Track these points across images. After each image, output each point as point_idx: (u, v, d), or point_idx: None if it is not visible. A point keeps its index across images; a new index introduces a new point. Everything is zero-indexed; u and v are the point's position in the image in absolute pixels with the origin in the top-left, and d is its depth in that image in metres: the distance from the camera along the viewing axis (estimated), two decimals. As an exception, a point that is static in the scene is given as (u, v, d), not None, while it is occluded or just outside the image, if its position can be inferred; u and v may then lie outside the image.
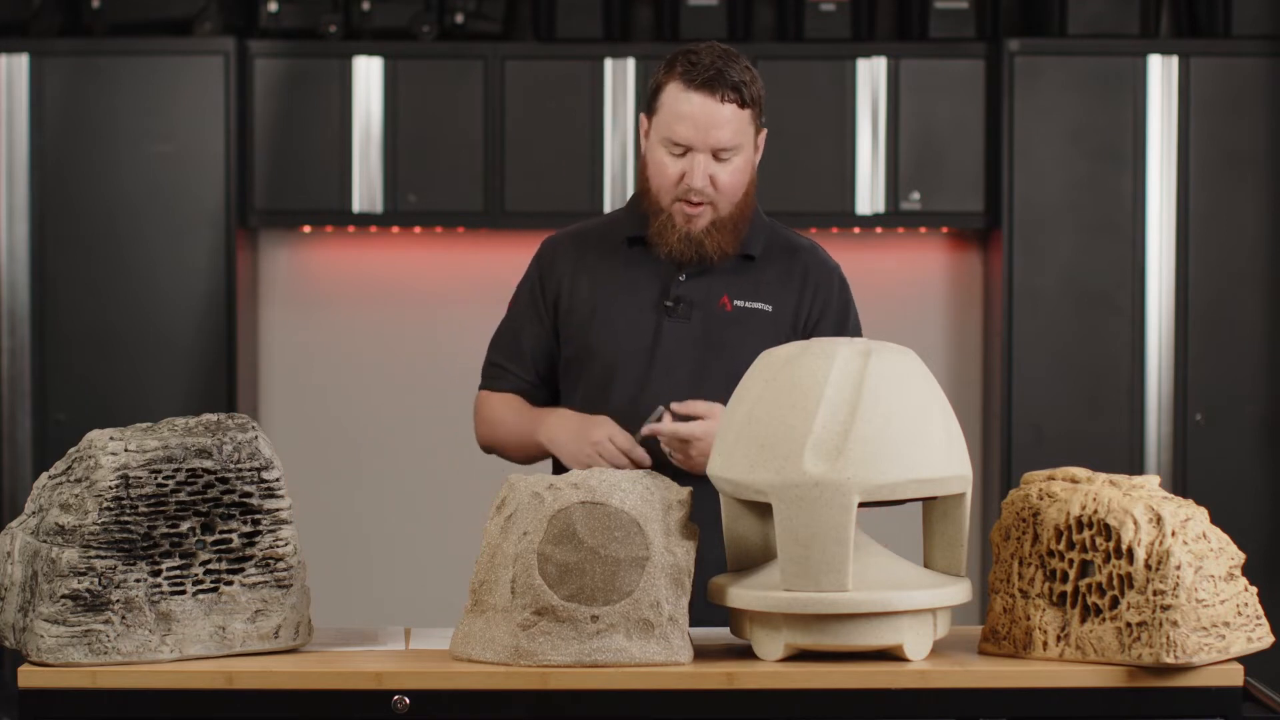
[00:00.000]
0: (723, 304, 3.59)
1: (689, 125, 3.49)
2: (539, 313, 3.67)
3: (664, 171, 3.53)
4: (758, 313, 3.59)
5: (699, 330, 3.58)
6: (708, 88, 3.49)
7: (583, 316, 3.62)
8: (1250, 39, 6.54)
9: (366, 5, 6.66)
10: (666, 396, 3.53)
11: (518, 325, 3.70)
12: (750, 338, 3.56)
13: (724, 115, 3.49)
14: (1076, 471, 3.07)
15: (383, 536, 6.90)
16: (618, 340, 3.59)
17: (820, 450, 2.92)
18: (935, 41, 6.62)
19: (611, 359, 3.59)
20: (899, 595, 2.95)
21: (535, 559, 2.96)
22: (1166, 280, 6.52)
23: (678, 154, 3.52)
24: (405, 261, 6.87)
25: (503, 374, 3.71)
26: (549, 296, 3.66)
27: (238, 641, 3.02)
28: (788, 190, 6.58)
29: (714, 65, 3.50)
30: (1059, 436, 6.50)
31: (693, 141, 3.50)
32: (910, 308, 6.89)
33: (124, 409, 6.32)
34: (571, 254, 3.67)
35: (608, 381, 3.59)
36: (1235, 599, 2.96)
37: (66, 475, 3.00)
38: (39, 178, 6.49)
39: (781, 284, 3.63)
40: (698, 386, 3.55)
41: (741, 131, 3.53)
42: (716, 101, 3.48)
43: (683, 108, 3.49)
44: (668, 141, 3.51)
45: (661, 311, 3.59)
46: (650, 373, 3.57)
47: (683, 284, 3.59)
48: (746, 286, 3.61)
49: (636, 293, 3.61)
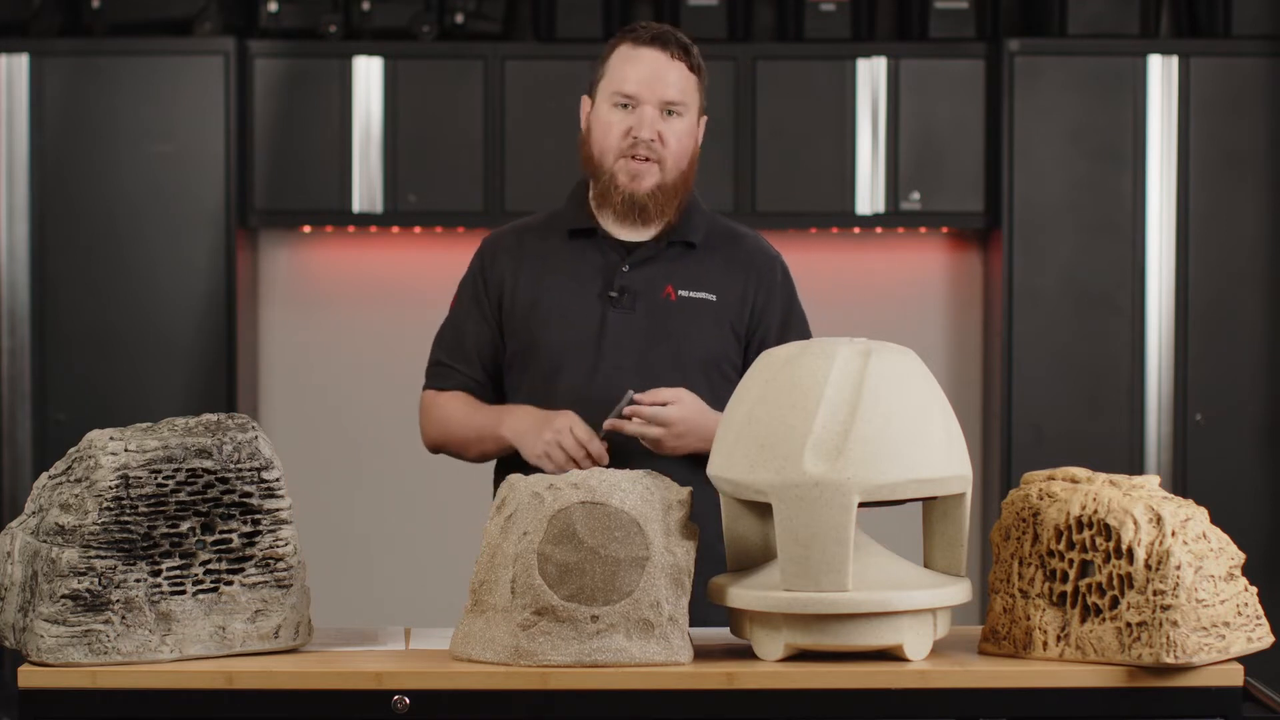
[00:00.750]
0: (667, 294, 3.59)
1: (638, 76, 3.54)
2: (483, 310, 3.66)
3: (610, 130, 3.55)
4: (702, 302, 3.59)
5: (644, 320, 3.58)
6: (658, 43, 3.55)
7: (526, 310, 3.62)
8: (1250, 39, 6.54)
9: (366, 5, 6.66)
10: (613, 388, 3.53)
11: (461, 323, 3.69)
12: (694, 327, 3.57)
13: (674, 71, 3.55)
14: (1076, 471, 3.06)
15: (383, 536, 6.90)
16: (563, 332, 3.58)
17: (820, 450, 2.92)
18: (935, 41, 6.63)
19: (557, 351, 3.58)
20: (899, 595, 2.95)
21: (535, 559, 2.96)
22: (1166, 280, 6.52)
23: (626, 109, 3.53)
24: (405, 261, 6.87)
25: (449, 372, 3.70)
26: (492, 293, 3.65)
27: (238, 641, 3.02)
28: (788, 190, 6.58)
29: (662, 29, 3.57)
30: (1059, 436, 6.50)
31: (640, 94, 3.53)
32: (910, 308, 6.89)
33: (124, 409, 6.32)
34: (513, 249, 3.67)
35: (554, 374, 3.58)
36: (1235, 599, 2.96)
37: (66, 475, 3.00)
38: (39, 178, 6.49)
39: (725, 273, 3.63)
40: (644, 377, 3.54)
41: (688, 93, 3.57)
42: (667, 57, 3.54)
43: (632, 62, 3.55)
44: (616, 95, 3.54)
45: (606, 302, 3.58)
46: (597, 364, 3.56)
47: (626, 274, 3.59)
48: (690, 276, 3.61)
49: (580, 284, 3.60)
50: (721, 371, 3.58)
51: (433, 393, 3.72)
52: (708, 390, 3.55)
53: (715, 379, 3.58)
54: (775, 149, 6.60)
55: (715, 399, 3.53)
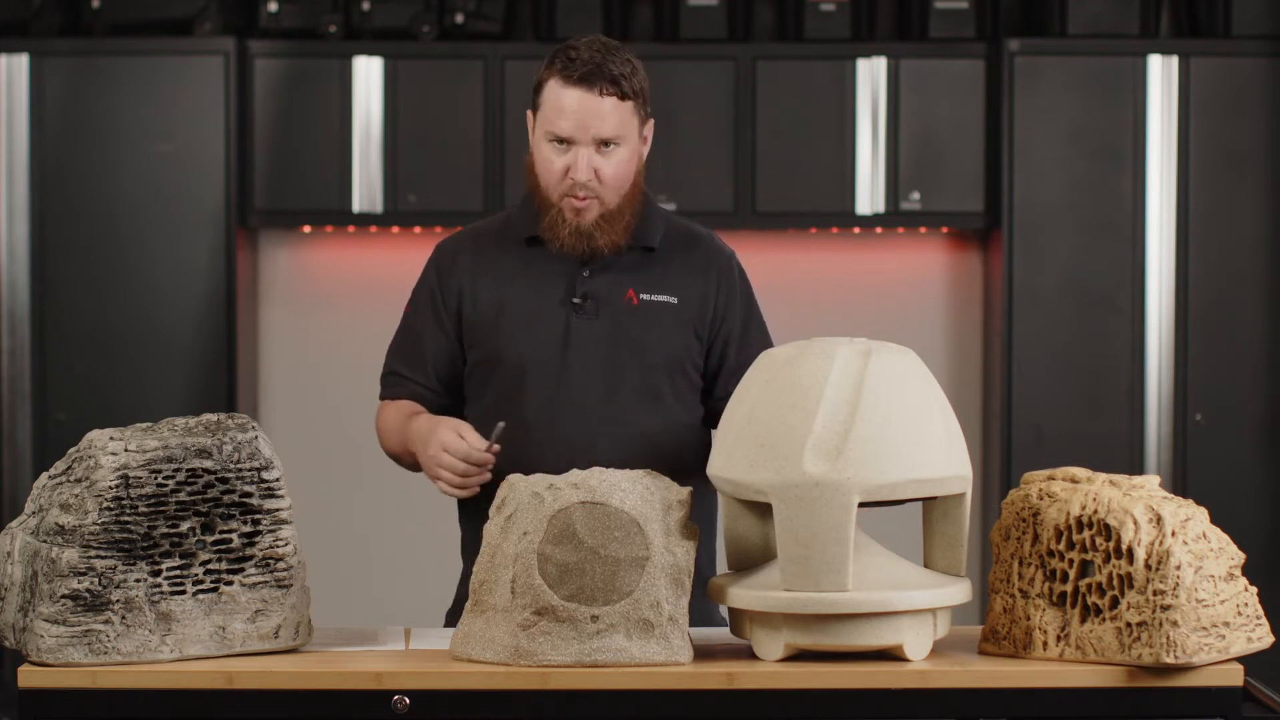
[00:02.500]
0: (629, 298, 3.57)
1: (569, 119, 3.47)
2: (439, 319, 3.62)
3: (549, 167, 3.51)
4: (664, 305, 3.57)
5: (607, 326, 3.55)
6: (585, 83, 3.47)
7: (488, 319, 3.57)
8: (1250, 39, 6.54)
9: (366, 5, 6.66)
10: (581, 395, 3.51)
11: (417, 332, 3.65)
12: (658, 331, 3.55)
13: (604, 108, 3.48)
14: (1076, 471, 3.06)
15: (383, 536, 6.90)
16: (528, 340, 3.54)
17: (820, 450, 2.92)
18: (935, 41, 6.63)
19: (522, 361, 3.54)
20: (899, 595, 2.95)
21: (535, 559, 2.96)
22: (1166, 280, 6.52)
23: (561, 149, 3.51)
24: (405, 261, 6.85)
25: (401, 382, 3.66)
26: (450, 302, 3.61)
27: (238, 641, 3.02)
28: (788, 190, 6.58)
29: (592, 60, 3.48)
30: (1059, 436, 6.50)
31: (574, 135, 3.48)
32: (910, 308, 6.89)
33: (124, 409, 6.32)
34: (470, 257, 3.62)
35: (519, 384, 3.54)
36: (1235, 599, 2.96)
37: (66, 475, 3.00)
38: (39, 178, 6.49)
39: (685, 275, 3.60)
40: (613, 383, 3.53)
41: (624, 123, 3.50)
42: (596, 95, 3.47)
43: (563, 102, 3.48)
44: (550, 135, 3.50)
45: (569, 309, 3.55)
46: (564, 373, 3.53)
47: (587, 280, 3.56)
48: (650, 279, 3.58)
49: (541, 292, 3.56)
50: (684, 372, 3.57)
51: (384, 403, 3.69)
52: (671, 392, 3.54)
53: (679, 380, 3.56)
54: (775, 149, 6.60)
55: (679, 400, 3.54)
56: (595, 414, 3.51)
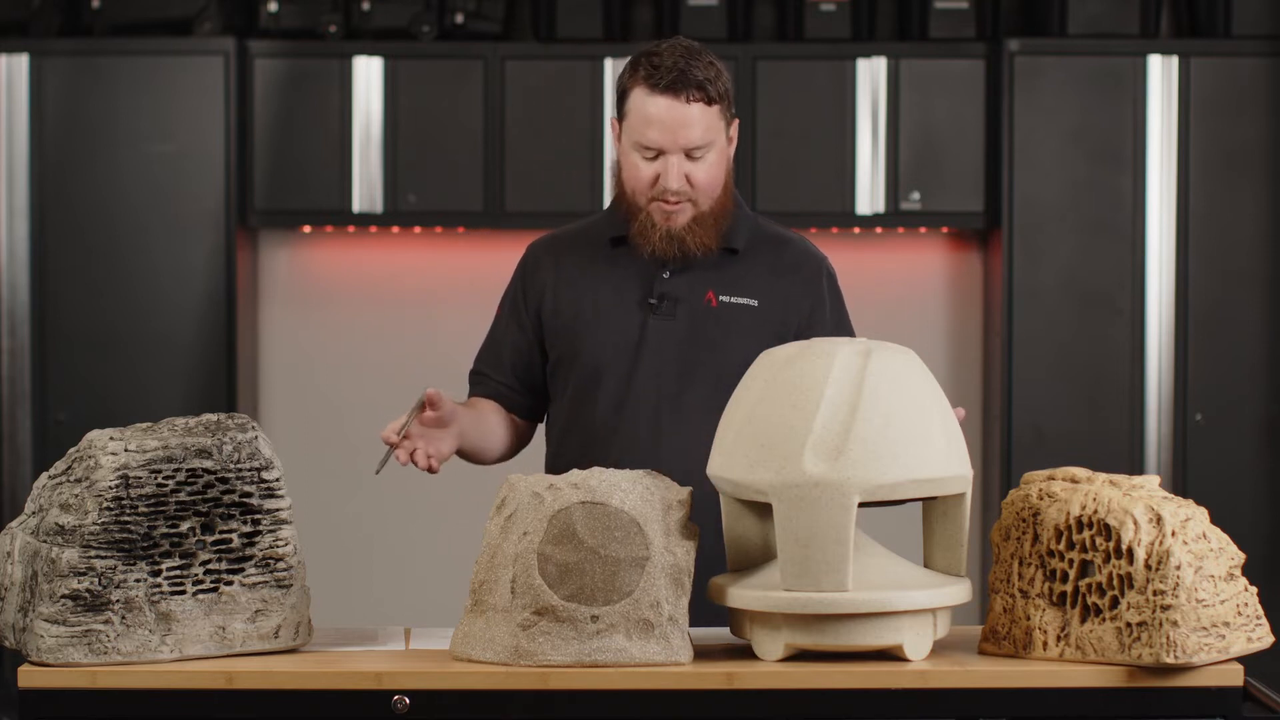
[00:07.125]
0: (708, 300, 3.57)
1: (658, 129, 3.48)
2: (520, 320, 3.66)
3: (639, 175, 3.52)
4: (744, 308, 3.58)
5: (684, 327, 3.57)
6: (671, 91, 3.47)
7: (567, 319, 3.61)
8: (1250, 39, 6.54)
9: (366, 5, 6.66)
10: (653, 395, 3.54)
11: (500, 332, 3.70)
12: (736, 333, 3.56)
13: (692, 115, 3.47)
14: (1076, 471, 3.07)
15: (383, 536, 6.90)
16: (603, 341, 3.58)
17: (820, 450, 2.92)
18: (935, 41, 6.63)
19: (597, 359, 3.58)
20: (899, 595, 2.95)
21: (535, 559, 2.96)
22: (1166, 280, 6.52)
23: (650, 157, 3.51)
24: (405, 261, 6.87)
25: (482, 380, 3.71)
26: (531, 303, 3.65)
27: (238, 641, 3.02)
28: (788, 190, 6.58)
29: (676, 66, 3.48)
30: (1059, 436, 6.50)
31: (663, 145, 3.48)
32: (910, 308, 6.89)
33: (124, 409, 6.32)
34: (554, 258, 3.66)
35: (595, 382, 3.58)
36: (1235, 599, 2.96)
37: (66, 475, 3.00)
38: (39, 178, 6.49)
39: (768, 278, 3.61)
40: (685, 384, 3.54)
41: (711, 128, 3.50)
42: (683, 103, 3.47)
43: (650, 111, 3.48)
44: (639, 145, 3.50)
45: (646, 310, 3.58)
46: (636, 371, 3.56)
47: (666, 281, 3.58)
48: (731, 281, 3.59)
49: (620, 292, 3.59)
50: None
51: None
52: None
53: None
54: (775, 149, 6.60)
55: None
56: (662, 416, 3.54)
